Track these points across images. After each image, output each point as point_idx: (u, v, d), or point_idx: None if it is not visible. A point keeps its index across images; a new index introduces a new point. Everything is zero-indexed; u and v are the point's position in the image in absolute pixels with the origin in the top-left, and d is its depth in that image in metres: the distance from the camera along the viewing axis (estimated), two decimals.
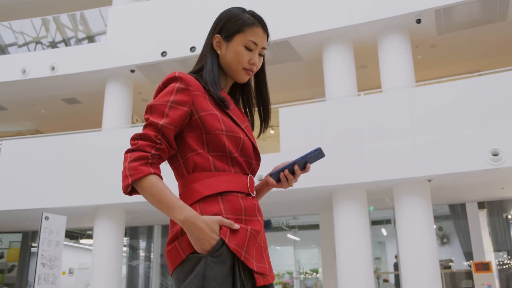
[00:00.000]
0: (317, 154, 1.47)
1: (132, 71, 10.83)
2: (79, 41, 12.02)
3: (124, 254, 12.66)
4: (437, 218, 12.87)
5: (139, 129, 10.67)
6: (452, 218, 10.75)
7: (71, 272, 14.44)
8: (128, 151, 1.38)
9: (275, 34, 9.53)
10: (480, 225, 10.44)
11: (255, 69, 1.58)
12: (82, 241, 15.01)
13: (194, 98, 1.44)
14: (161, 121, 1.39)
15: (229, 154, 1.44)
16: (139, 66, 10.70)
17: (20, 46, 12.49)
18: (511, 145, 7.43)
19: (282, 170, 1.54)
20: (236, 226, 1.35)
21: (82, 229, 14.02)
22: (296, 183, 1.60)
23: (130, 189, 1.36)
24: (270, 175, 1.57)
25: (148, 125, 1.41)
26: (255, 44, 1.55)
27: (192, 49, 10.22)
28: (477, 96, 7.98)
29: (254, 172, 1.53)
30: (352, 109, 8.78)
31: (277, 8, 9.91)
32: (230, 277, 1.30)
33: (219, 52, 1.57)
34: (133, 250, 12.73)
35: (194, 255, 1.31)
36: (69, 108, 12.96)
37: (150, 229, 12.75)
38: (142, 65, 10.67)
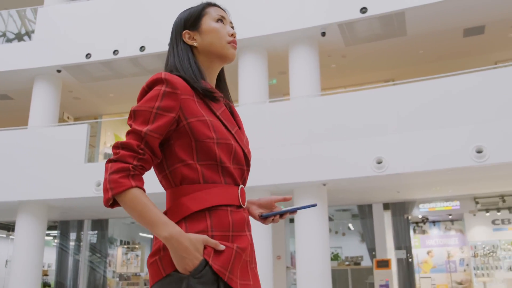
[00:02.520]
0: (311, 207, 1.47)
1: (59, 71, 11.14)
2: (9, 40, 12.25)
3: (54, 246, 13.04)
4: (355, 217, 13.64)
5: (66, 127, 11.05)
6: (359, 218, 11.47)
7: (6, 264, 14.71)
8: (109, 161, 1.29)
9: None
10: (385, 225, 11.19)
11: (235, 38, 1.53)
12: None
13: (182, 102, 1.35)
14: (145, 129, 1.31)
15: (220, 163, 1.36)
16: (65, 66, 11.03)
17: None
18: (393, 154, 8.11)
19: (274, 214, 1.51)
20: (222, 247, 1.29)
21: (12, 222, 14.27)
22: None
23: (112, 202, 1.29)
24: (261, 216, 1.54)
25: (131, 132, 1.33)
26: (223, 17, 1.53)
27: (115, 52, 10.60)
28: (365, 107, 8.63)
29: (245, 180, 1.48)
30: (260, 115, 9.33)
31: None
32: None
33: (195, 43, 1.50)
34: (63, 243, 13.08)
35: (176, 273, 1.25)
36: (2, 104, 13.18)
37: (80, 223, 13.12)
38: (67, 65, 10.99)
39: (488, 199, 11.57)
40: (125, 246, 14.01)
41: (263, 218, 1.54)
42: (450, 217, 13.91)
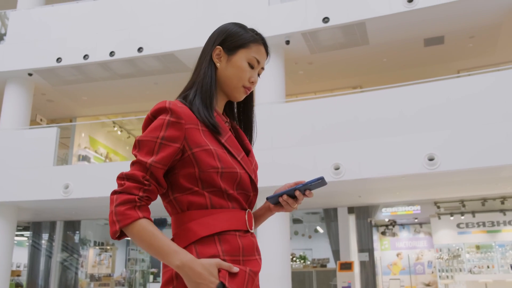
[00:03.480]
0: (319, 182, 1.42)
1: (30, 74, 11.28)
2: None
3: (27, 247, 13.17)
4: (324, 220, 13.89)
5: (36, 130, 11.19)
6: (325, 221, 11.75)
7: None
8: (114, 193, 1.29)
9: (162, 48, 10.28)
10: (349, 228, 11.48)
11: (253, 88, 1.53)
12: None
13: (186, 132, 1.34)
14: (150, 160, 1.30)
15: (225, 191, 1.36)
16: (36, 70, 11.17)
17: None
18: (350, 160, 8.38)
19: (281, 195, 1.47)
20: (235, 269, 1.28)
21: None
22: None
23: (119, 234, 1.28)
24: (268, 198, 1.52)
25: (136, 163, 1.32)
26: (258, 62, 1.51)
27: (86, 57, 10.77)
28: (325, 114, 8.90)
29: (252, 204, 1.46)
30: None
31: (164, 23, 10.56)
32: None
33: (218, 65, 1.49)
34: (35, 244, 13.20)
35: None
36: None
37: (52, 224, 13.26)
38: (39, 69, 11.14)
39: (449, 204, 11.90)
40: (98, 247, 14.16)
41: (275, 205, 1.51)
42: (416, 220, 14.25)
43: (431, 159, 8.04)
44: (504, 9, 9.08)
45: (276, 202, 1.50)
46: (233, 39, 1.49)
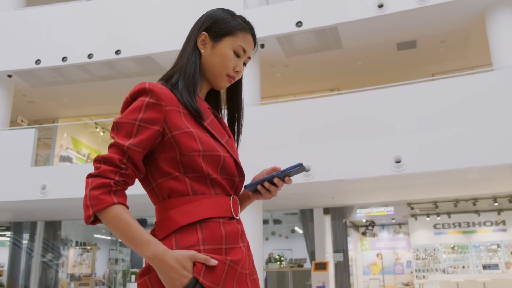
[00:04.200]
0: (298, 169, 1.37)
1: (10, 75, 11.37)
2: None
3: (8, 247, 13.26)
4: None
5: (17, 131, 11.29)
6: (302, 222, 11.92)
7: None
8: (89, 176, 1.24)
9: (139, 50, 10.42)
10: (325, 229, 11.66)
11: (238, 77, 1.48)
12: None
13: (166, 114, 1.29)
14: (127, 143, 1.25)
15: (207, 176, 1.31)
16: (15, 71, 11.26)
17: None
18: (320, 162, 8.55)
19: (261, 182, 1.42)
20: (213, 261, 1.22)
21: None
22: None
23: (93, 219, 1.23)
24: (245, 187, 1.46)
25: (113, 145, 1.27)
26: (244, 51, 1.46)
27: (64, 59, 10.88)
28: (297, 117, 9.08)
29: (238, 190, 1.41)
30: None
31: (141, 26, 10.69)
32: None
33: (202, 51, 1.44)
34: (16, 244, 13.29)
35: None
36: None
37: (33, 225, 13.35)
38: (18, 71, 11.23)
39: (422, 205, 12.11)
40: (79, 247, 14.26)
41: (253, 193, 1.47)
42: (393, 221, 14.47)
43: (398, 161, 8.22)
44: (473, 15, 9.29)
45: (254, 190, 1.45)
46: (219, 25, 1.44)
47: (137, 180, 1.34)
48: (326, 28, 9.55)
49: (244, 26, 1.45)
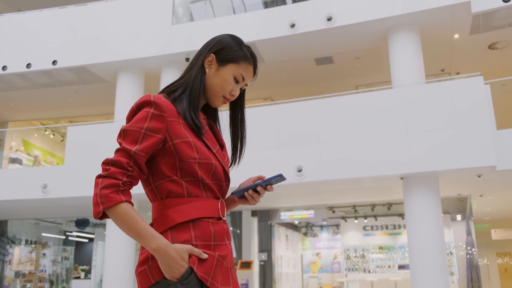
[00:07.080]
0: (279, 179, 1.54)
1: None
2: None
3: None
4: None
5: None
6: (231, 223, 12.66)
7: None
8: (99, 177, 1.41)
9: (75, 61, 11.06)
10: (252, 230, 12.45)
11: (231, 99, 1.65)
12: None
13: (168, 124, 1.47)
14: (134, 148, 1.42)
15: (201, 180, 1.49)
16: None
17: None
18: (236, 171, 9.26)
19: (246, 189, 1.60)
20: (205, 255, 1.41)
21: None
22: None
23: (101, 215, 1.39)
24: (233, 193, 1.65)
25: (121, 150, 1.44)
26: (243, 79, 1.63)
27: (4, 68, 11.49)
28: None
29: (224, 194, 1.59)
30: None
31: (75, 37, 11.32)
32: None
33: (207, 70, 1.60)
34: None
35: (165, 280, 1.38)
36: None
37: (4, 224, 13.93)
38: None
39: (342, 209, 12.93)
40: (26, 245, 14.85)
41: (240, 198, 1.65)
42: (325, 223, 15.29)
43: (299, 170, 8.99)
44: (379, 34, 10.04)
45: (241, 196, 1.64)
46: (227, 52, 1.60)
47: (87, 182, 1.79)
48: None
49: (248, 58, 1.63)
